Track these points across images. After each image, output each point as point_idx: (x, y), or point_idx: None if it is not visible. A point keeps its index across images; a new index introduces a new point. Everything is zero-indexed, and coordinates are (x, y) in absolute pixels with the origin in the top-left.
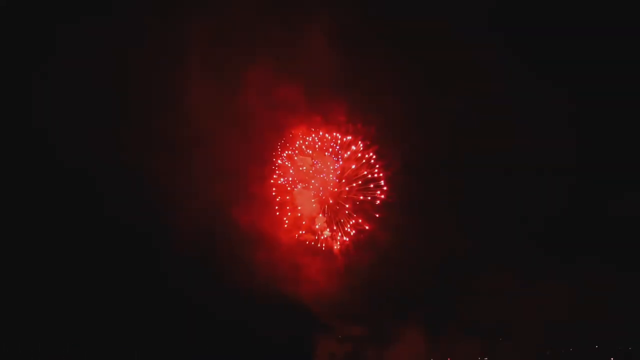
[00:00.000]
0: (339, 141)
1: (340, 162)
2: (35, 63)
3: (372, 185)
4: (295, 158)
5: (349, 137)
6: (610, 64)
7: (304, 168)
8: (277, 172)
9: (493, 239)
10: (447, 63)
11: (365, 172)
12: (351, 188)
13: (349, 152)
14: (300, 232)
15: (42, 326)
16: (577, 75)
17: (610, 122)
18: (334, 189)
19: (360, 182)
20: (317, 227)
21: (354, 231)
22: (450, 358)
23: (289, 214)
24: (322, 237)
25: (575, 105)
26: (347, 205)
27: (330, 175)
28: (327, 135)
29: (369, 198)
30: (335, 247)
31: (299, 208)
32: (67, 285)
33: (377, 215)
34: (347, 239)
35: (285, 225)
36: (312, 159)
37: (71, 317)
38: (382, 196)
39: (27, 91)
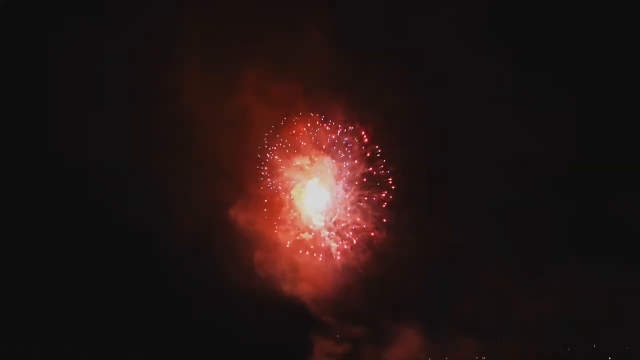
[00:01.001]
0: (339, 132)
1: (343, 157)
2: (35, 63)
3: (378, 184)
4: (287, 151)
5: (351, 128)
6: (610, 64)
7: (298, 163)
8: (274, 170)
9: (493, 238)
10: (447, 63)
11: (371, 169)
12: (353, 187)
13: (350, 144)
14: (297, 237)
15: (42, 326)
16: (577, 75)
17: (610, 122)
18: (333, 188)
19: (365, 180)
20: (312, 234)
21: (356, 239)
22: (449, 358)
23: (279, 217)
24: (321, 245)
25: (575, 105)
26: (348, 208)
27: (329, 172)
28: (326, 126)
29: (374, 198)
30: (335, 257)
31: (292, 211)
32: (67, 285)
33: (385, 220)
34: (348, 247)
35: (276, 231)
36: (310, 157)
37: (71, 317)
38: (391, 197)
39: (26, 91)
